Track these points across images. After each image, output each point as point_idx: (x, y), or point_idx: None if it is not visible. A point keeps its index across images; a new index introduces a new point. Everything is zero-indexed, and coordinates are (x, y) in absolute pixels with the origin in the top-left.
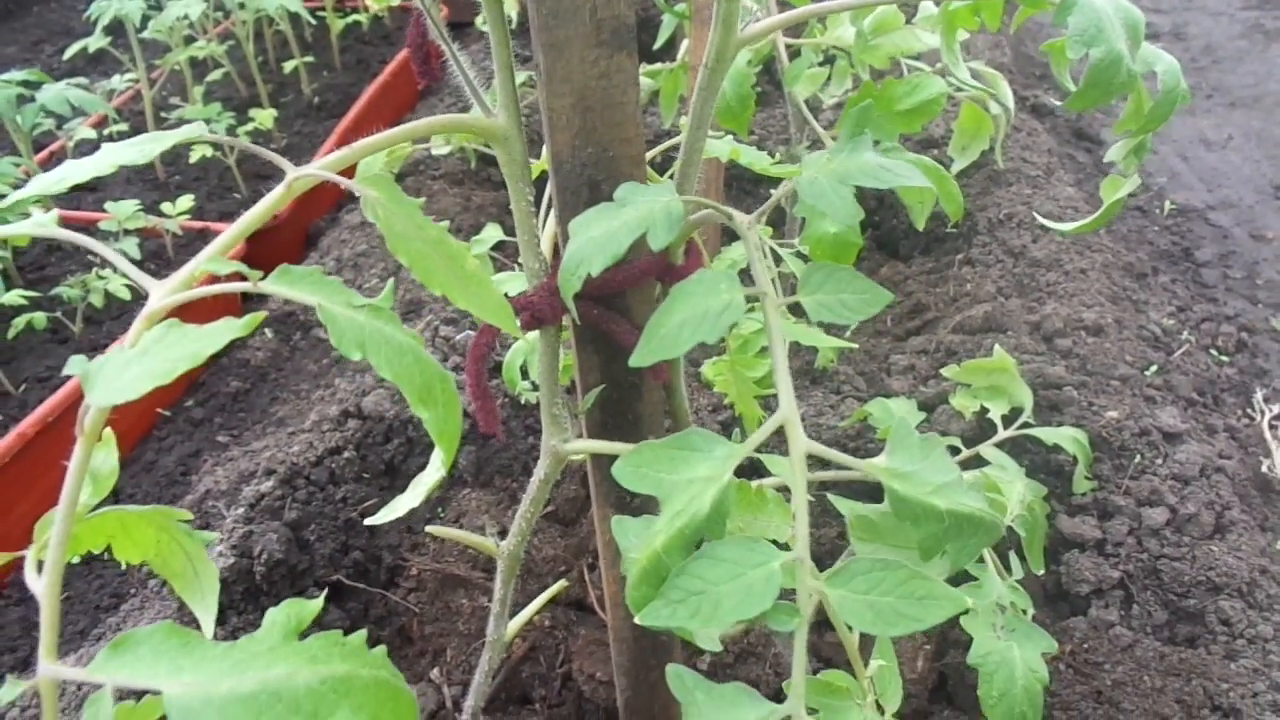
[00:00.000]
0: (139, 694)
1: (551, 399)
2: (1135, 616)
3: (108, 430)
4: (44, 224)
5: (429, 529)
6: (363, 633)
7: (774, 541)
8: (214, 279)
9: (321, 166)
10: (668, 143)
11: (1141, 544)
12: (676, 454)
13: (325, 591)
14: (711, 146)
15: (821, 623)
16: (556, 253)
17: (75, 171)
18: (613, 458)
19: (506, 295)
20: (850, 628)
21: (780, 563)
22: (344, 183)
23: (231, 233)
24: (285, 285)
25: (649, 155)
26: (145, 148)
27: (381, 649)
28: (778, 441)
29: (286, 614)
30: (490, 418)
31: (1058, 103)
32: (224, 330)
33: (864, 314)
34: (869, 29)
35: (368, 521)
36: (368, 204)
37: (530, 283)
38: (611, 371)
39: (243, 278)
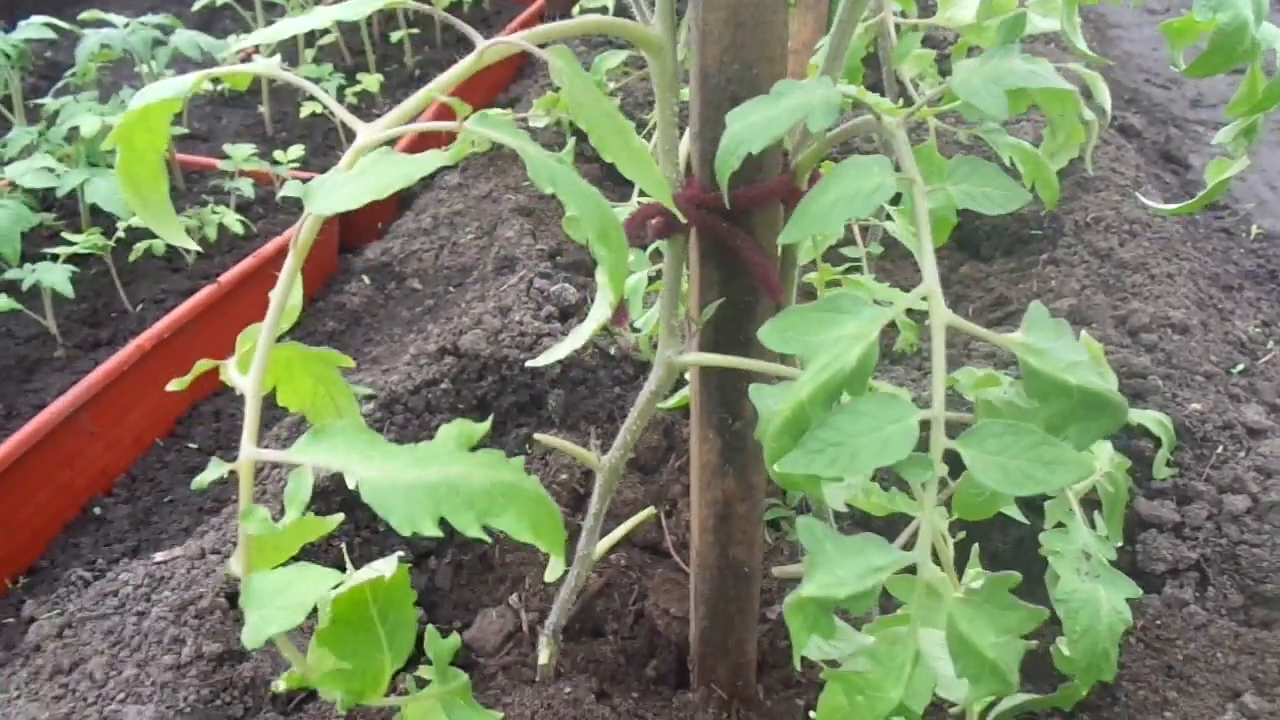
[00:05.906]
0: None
1: (671, 310)
2: (1210, 598)
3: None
4: (270, 65)
5: (536, 436)
6: (521, 457)
7: None
8: (416, 119)
9: (512, 38)
10: None
11: (1221, 529)
12: (824, 316)
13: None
14: None
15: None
16: (689, 169)
17: (293, 25)
18: (719, 378)
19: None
20: (946, 541)
21: (918, 418)
22: (535, 50)
23: (442, 80)
24: (488, 127)
25: None
26: (359, 7)
27: (535, 477)
28: (886, 366)
29: (459, 430)
30: None
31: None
32: (433, 158)
33: (1005, 207)
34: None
35: (529, 364)
36: (555, 70)
37: None
38: (729, 289)
39: (451, 115)
